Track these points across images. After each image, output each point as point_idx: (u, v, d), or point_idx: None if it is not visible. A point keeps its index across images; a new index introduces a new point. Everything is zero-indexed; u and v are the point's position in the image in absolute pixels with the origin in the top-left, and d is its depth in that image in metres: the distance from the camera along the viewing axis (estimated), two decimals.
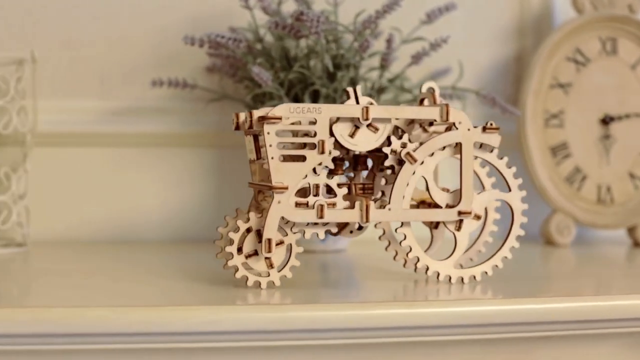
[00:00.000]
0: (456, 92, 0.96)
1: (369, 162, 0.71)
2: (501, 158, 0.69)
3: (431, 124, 0.69)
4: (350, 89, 0.68)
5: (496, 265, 0.70)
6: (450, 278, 0.69)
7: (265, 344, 0.61)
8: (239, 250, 0.66)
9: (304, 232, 0.67)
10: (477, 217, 0.69)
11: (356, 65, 0.89)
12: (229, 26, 0.95)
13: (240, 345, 0.61)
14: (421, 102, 0.70)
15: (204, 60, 0.95)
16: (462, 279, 0.69)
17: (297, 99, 0.91)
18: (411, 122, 0.69)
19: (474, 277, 0.70)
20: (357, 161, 0.70)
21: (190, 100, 1.01)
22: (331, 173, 0.68)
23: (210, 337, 0.60)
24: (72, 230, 1.00)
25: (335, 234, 0.69)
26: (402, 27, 0.95)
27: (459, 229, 0.68)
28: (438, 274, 0.69)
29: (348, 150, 0.69)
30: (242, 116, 0.66)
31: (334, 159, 0.68)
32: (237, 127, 0.66)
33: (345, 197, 0.66)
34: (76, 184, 1.00)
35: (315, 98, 0.90)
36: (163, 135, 1.02)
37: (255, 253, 0.66)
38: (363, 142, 0.67)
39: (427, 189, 0.68)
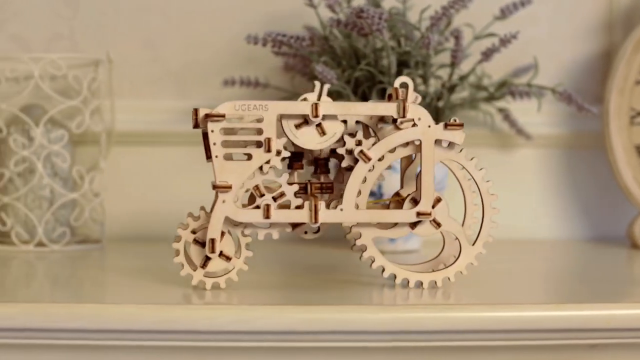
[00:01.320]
0: (532, 89, 0.92)
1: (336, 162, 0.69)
2: (471, 159, 0.66)
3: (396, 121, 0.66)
4: (317, 83, 0.66)
5: (460, 272, 0.67)
6: (408, 282, 0.67)
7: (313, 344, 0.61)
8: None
9: (257, 233, 0.66)
10: (437, 224, 0.65)
11: (424, 63, 0.87)
12: (305, 25, 0.95)
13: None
14: (389, 98, 0.67)
15: (280, 59, 0.95)
16: (422, 283, 0.67)
17: (365, 97, 0.90)
18: (381, 119, 0.66)
19: (435, 282, 0.67)
20: (318, 161, 0.67)
21: (265, 100, 1.00)
22: (292, 168, 0.67)
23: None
24: (148, 227, 1.01)
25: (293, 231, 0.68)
26: (477, 23, 0.92)
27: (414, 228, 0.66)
28: (395, 277, 0.67)
29: (312, 150, 0.67)
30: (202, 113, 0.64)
31: (294, 157, 0.67)
32: (196, 125, 0.64)
33: (304, 198, 0.65)
34: (152, 182, 1.02)
35: (383, 96, 0.89)
36: None
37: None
38: (306, 140, 0.65)
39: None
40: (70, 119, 0.93)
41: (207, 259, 0.66)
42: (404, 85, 0.66)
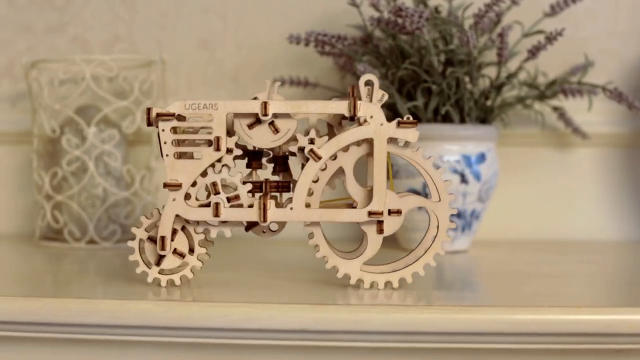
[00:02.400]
0: (584, 87, 0.90)
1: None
2: (428, 157, 0.66)
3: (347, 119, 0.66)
4: (267, 82, 0.66)
5: (417, 272, 0.66)
6: (362, 282, 0.66)
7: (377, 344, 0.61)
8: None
9: (209, 231, 0.66)
10: (380, 230, 0.66)
11: (468, 61, 0.86)
12: (348, 24, 0.95)
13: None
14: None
15: (332, 59, 0.95)
16: (377, 284, 0.66)
17: (410, 96, 0.89)
18: (344, 118, 0.65)
19: (390, 283, 0.66)
20: (277, 160, 0.67)
21: (319, 99, 1.01)
22: (250, 167, 0.68)
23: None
24: None
25: (247, 230, 0.68)
26: (529, 20, 0.91)
27: (380, 231, 0.65)
28: (349, 277, 0.66)
29: (273, 149, 0.67)
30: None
31: (253, 155, 0.67)
32: (149, 123, 0.65)
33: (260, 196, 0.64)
34: None
35: (428, 95, 0.88)
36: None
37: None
38: (260, 138, 0.65)
39: None
40: (123, 119, 0.95)
41: (161, 256, 0.67)
42: (369, 83, 0.65)
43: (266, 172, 0.69)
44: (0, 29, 1.07)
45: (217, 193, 0.65)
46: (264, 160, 0.68)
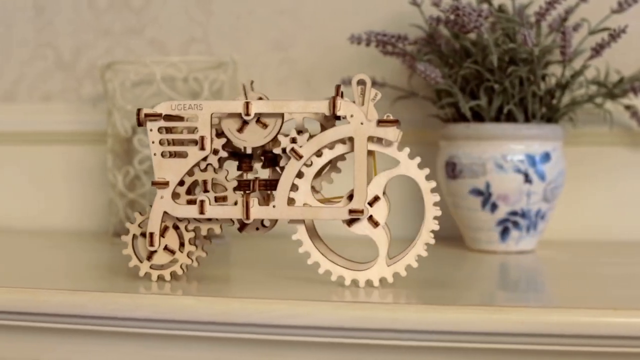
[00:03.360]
0: None
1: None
2: (412, 158, 0.66)
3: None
4: (243, 84, 0.68)
5: (398, 272, 0.66)
6: (344, 279, 0.67)
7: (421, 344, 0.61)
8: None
9: (200, 228, 0.68)
10: (375, 223, 0.65)
11: (530, 60, 0.85)
12: (411, 23, 0.95)
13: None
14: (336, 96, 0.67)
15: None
16: (358, 281, 0.66)
17: (473, 95, 0.89)
18: (336, 118, 0.66)
19: (371, 282, 0.66)
20: (267, 159, 0.69)
21: (389, 99, 1.01)
22: (241, 169, 0.69)
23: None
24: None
25: (240, 230, 0.69)
26: (596, 17, 0.89)
27: (375, 224, 0.66)
28: (331, 273, 0.66)
29: (264, 147, 0.69)
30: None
31: (242, 155, 0.69)
32: (140, 124, 0.67)
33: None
34: None
35: (491, 94, 0.87)
36: None
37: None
38: (252, 138, 0.66)
39: None
40: None
41: (153, 252, 0.69)
42: (362, 82, 0.66)
43: (266, 171, 0.71)
44: (81, 31, 1.11)
45: (206, 191, 0.67)
46: (254, 162, 0.71)
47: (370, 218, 0.65)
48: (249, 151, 0.70)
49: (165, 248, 0.69)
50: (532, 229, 0.89)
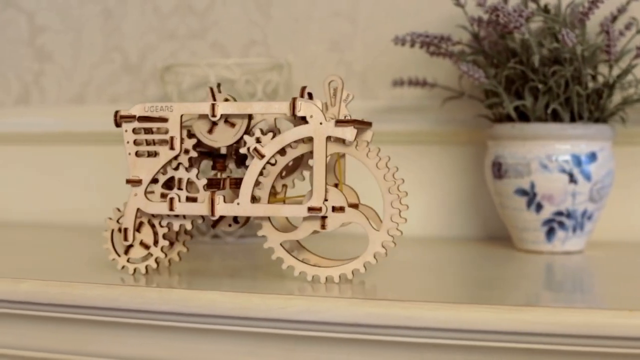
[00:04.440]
0: None
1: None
2: (368, 152, 0.67)
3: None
4: (210, 87, 0.71)
5: (358, 269, 0.68)
6: (306, 275, 0.68)
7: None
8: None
9: (172, 224, 0.71)
10: (339, 209, 0.67)
11: (573, 59, 0.84)
12: (457, 24, 0.95)
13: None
14: (309, 96, 0.70)
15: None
16: (319, 277, 0.68)
17: (518, 95, 0.89)
18: (302, 118, 0.67)
19: (332, 278, 0.68)
20: (238, 158, 0.71)
21: (437, 98, 1.02)
22: (215, 168, 0.72)
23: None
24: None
25: (213, 227, 0.71)
26: None
27: (323, 226, 0.67)
28: (293, 269, 0.68)
29: (237, 147, 0.71)
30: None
31: (216, 155, 0.72)
32: (117, 125, 0.70)
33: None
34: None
35: (536, 94, 0.87)
36: (421, 132, 1.04)
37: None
38: (222, 138, 0.69)
39: None
40: None
41: (129, 246, 0.72)
42: (335, 84, 0.68)
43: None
44: (147, 35, 1.15)
45: (179, 189, 0.70)
46: (228, 161, 0.73)
47: (334, 208, 0.67)
48: (223, 151, 0.73)
49: (141, 243, 0.72)
50: (579, 230, 0.88)
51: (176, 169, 0.70)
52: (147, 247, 0.72)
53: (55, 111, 1.18)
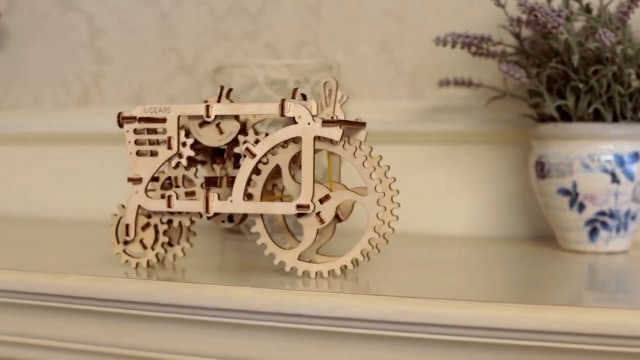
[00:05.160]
0: None
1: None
2: (355, 151, 0.68)
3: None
4: (220, 88, 0.72)
5: (345, 266, 0.69)
6: (297, 270, 0.71)
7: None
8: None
9: (172, 220, 0.74)
10: (321, 220, 0.68)
11: (615, 59, 0.84)
12: (500, 24, 0.95)
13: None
14: (301, 97, 0.72)
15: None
16: (310, 273, 0.70)
17: (561, 95, 0.89)
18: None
19: (321, 273, 0.70)
20: (236, 157, 0.73)
21: (482, 98, 1.02)
22: (215, 163, 0.74)
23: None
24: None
25: (210, 219, 0.73)
26: None
27: (322, 222, 0.69)
28: (284, 265, 0.70)
29: (232, 146, 0.73)
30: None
31: (215, 155, 0.74)
32: (120, 125, 0.73)
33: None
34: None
35: (578, 94, 0.87)
36: (468, 132, 1.05)
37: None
38: (213, 138, 0.72)
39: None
40: None
41: (129, 241, 0.75)
42: (330, 85, 0.71)
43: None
44: (201, 36, 1.17)
45: (177, 187, 0.73)
46: (228, 161, 0.75)
47: (318, 214, 0.69)
48: (224, 149, 0.75)
49: (141, 242, 0.75)
50: (623, 230, 0.88)
51: (175, 167, 0.73)
52: (144, 247, 0.75)
53: (114, 111, 1.21)
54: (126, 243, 0.75)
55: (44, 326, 0.75)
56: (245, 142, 0.70)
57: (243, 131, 0.72)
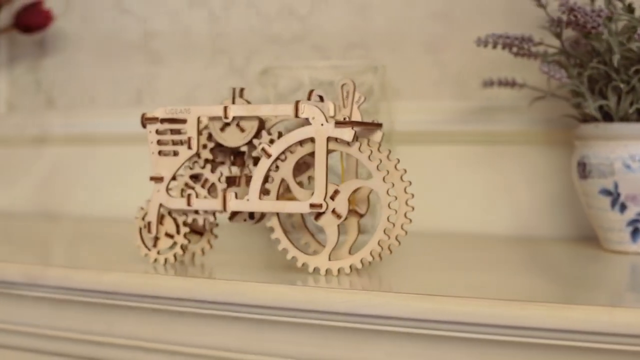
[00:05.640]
0: None
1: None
2: (362, 150, 0.69)
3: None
4: (233, 89, 0.74)
5: (355, 265, 0.70)
6: (319, 270, 0.72)
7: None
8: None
9: (196, 220, 0.76)
10: (337, 215, 0.69)
11: None
12: (541, 25, 0.95)
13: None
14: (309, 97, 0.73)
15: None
16: (331, 271, 0.71)
17: (603, 95, 0.89)
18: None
19: (343, 269, 0.71)
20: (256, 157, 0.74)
21: (525, 99, 1.02)
22: (235, 166, 0.77)
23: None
24: (421, 222, 1.08)
25: (230, 219, 0.75)
26: None
27: (338, 216, 0.69)
28: (296, 260, 0.71)
29: (252, 147, 0.75)
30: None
31: (236, 153, 0.76)
32: (144, 125, 0.75)
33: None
34: (433, 179, 1.08)
35: (619, 94, 0.87)
36: (513, 132, 1.05)
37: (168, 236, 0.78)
38: (232, 138, 0.74)
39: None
40: None
41: (157, 239, 0.77)
42: (347, 87, 0.72)
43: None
44: (252, 39, 1.19)
45: (197, 185, 0.75)
46: (248, 160, 0.77)
47: (334, 211, 0.70)
48: (243, 149, 0.77)
49: (166, 234, 0.77)
50: None
51: (194, 167, 0.75)
52: (171, 236, 0.77)
53: None
54: (155, 240, 0.78)
55: (88, 321, 0.77)
56: (260, 142, 0.72)
57: (262, 129, 0.74)
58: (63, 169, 1.32)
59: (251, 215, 0.76)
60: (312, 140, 0.70)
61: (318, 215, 0.71)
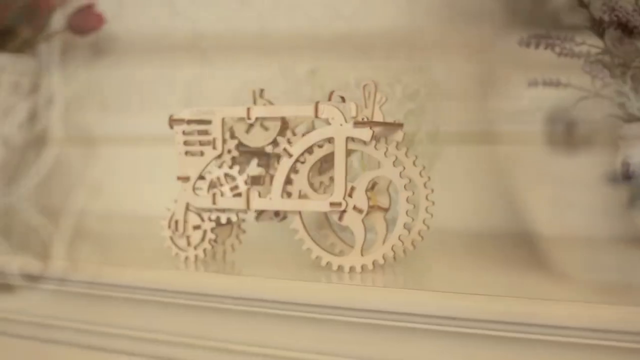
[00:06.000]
0: None
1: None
2: (380, 149, 0.71)
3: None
4: (252, 91, 0.77)
5: (377, 260, 0.71)
6: (331, 265, 0.73)
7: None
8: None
9: (219, 217, 0.78)
10: (358, 210, 0.71)
11: None
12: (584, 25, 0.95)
13: None
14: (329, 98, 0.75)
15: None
16: (344, 267, 0.72)
17: None
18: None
19: (354, 268, 0.72)
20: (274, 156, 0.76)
21: (567, 99, 1.02)
22: (260, 166, 0.78)
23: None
24: (466, 220, 1.08)
25: (257, 219, 0.77)
26: None
27: (359, 211, 0.71)
28: (321, 259, 0.73)
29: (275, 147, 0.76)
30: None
31: (260, 154, 0.78)
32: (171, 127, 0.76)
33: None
34: (482, 180, 1.09)
35: None
36: (559, 132, 1.05)
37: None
38: (255, 138, 0.76)
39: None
40: None
41: (188, 237, 0.79)
42: (369, 88, 0.74)
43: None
44: (297, 38, 1.20)
45: (222, 185, 0.77)
46: (272, 160, 0.79)
47: (354, 207, 0.72)
48: (268, 150, 0.78)
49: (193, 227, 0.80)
50: None
51: (220, 166, 0.77)
52: (197, 227, 0.79)
53: None
54: (187, 239, 0.79)
55: (132, 317, 0.79)
56: (280, 142, 0.74)
57: (286, 129, 0.76)
58: (116, 170, 1.34)
59: (277, 213, 0.78)
60: (329, 140, 0.72)
61: (341, 215, 0.72)
